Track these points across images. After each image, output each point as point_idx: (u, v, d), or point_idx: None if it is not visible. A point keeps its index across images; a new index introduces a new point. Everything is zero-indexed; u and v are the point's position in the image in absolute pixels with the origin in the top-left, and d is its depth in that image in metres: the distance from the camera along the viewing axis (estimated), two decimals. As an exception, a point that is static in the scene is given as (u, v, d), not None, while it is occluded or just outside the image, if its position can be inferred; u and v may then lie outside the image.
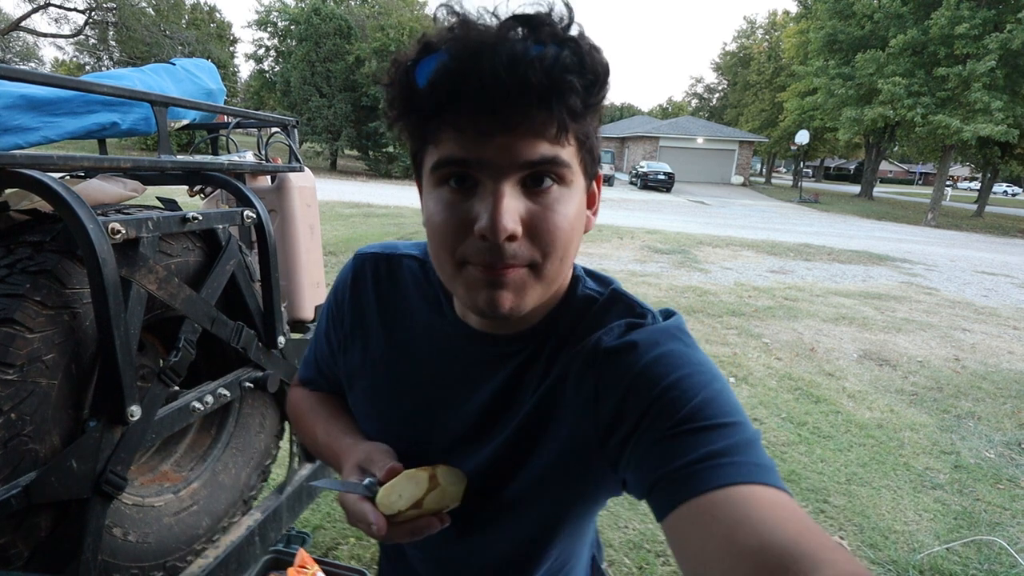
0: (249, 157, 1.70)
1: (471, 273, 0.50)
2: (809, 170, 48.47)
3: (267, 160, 1.71)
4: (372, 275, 0.67)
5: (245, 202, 1.35)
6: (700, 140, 33.22)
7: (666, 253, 8.89)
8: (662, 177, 25.43)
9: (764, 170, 45.30)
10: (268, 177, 1.76)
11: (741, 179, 33.33)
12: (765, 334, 5.03)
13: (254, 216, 1.34)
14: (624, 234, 10.68)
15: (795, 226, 14.80)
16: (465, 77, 0.44)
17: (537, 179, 0.48)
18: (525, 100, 0.44)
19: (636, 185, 27.11)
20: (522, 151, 0.46)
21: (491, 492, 0.58)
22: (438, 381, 0.61)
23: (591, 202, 0.56)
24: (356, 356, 0.66)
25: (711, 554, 0.40)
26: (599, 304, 0.59)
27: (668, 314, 0.58)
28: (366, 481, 0.55)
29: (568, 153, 0.48)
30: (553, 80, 0.44)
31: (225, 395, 1.33)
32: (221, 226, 1.27)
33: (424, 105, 0.46)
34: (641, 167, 27.03)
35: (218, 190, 1.68)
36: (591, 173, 0.53)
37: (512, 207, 0.47)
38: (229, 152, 1.75)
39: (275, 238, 1.46)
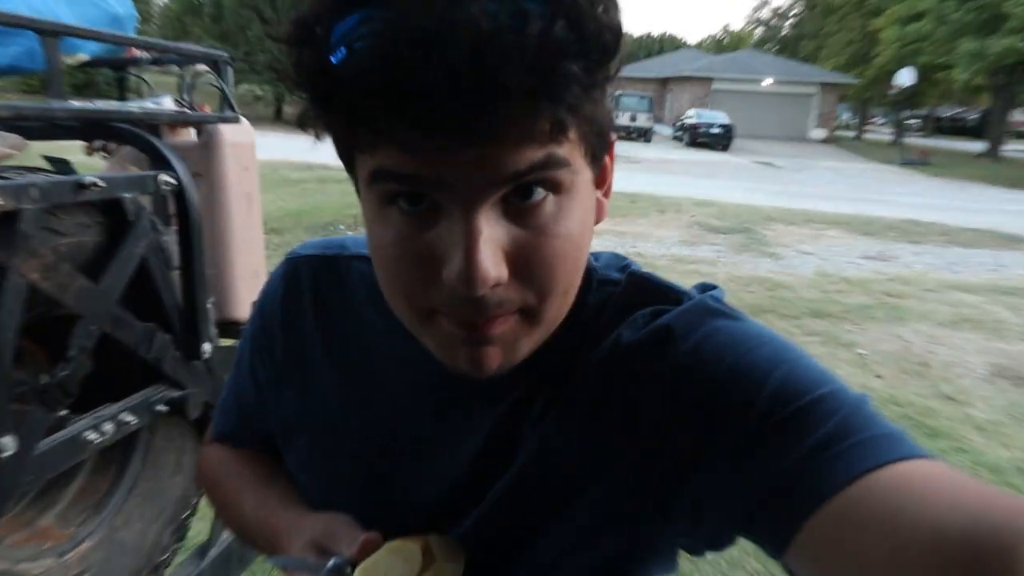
0: (167, 103, 1.69)
1: (443, 328, 0.48)
2: (915, 122, 48.35)
3: (191, 108, 1.71)
4: (311, 286, 0.65)
5: (161, 163, 1.35)
6: (767, 82, 33.15)
7: (723, 232, 8.88)
8: (717, 131, 25.42)
9: (854, 122, 45.15)
10: (192, 130, 1.75)
11: (823, 133, 33.28)
12: (859, 343, 5.01)
13: (173, 182, 1.34)
14: (667, 207, 10.67)
15: (897, 196, 14.76)
16: (405, 73, 0.38)
17: (524, 191, 0.44)
18: (502, 103, 0.39)
19: (682, 141, 27.13)
20: (501, 163, 0.42)
21: (492, 571, 0.56)
22: (408, 427, 0.60)
23: (601, 181, 0.53)
24: (291, 400, 0.65)
25: (871, 568, 0.39)
26: (615, 296, 0.57)
27: (705, 288, 0.57)
28: (332, 562, 0.53)
29: (567, 148, 0.44)
30: (542, 73, 0.39)
31: (130, 422, 1.33)
32: (129, 195, 1.28)
33: (344, 104, 0.42)
34: (689, 118, 27.01)
35: (126, 147, 1.68)
36: (601, 153, 0.50)
37: (494, 241, 0.44)
38: (141, 97, 1.74)
39: (201, 211, 1.46)
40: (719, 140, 25.56)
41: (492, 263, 0.43)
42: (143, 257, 1.32)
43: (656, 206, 10.67)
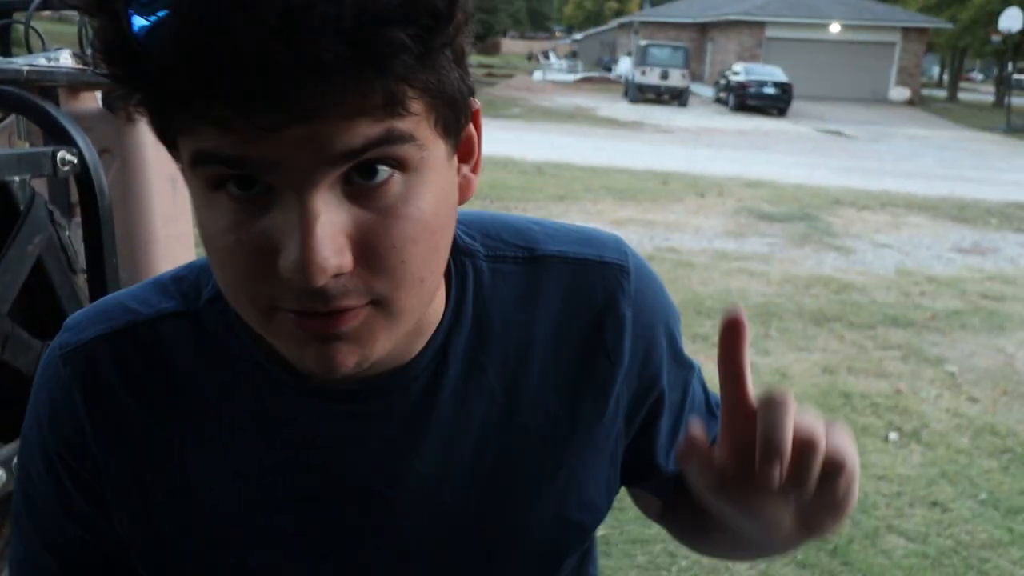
0: (65, 59, 1.69)
1: (288, 325, 0.53)
2: (1023, 78, 48.39)
3: (96, 66, 1.71)
4: (120, 377, 0.66)
5: (59, 137, 1.35)
6: (835, 27, 33.20)
7: (779, 221, 8.88)
8: (771, 91, 25.46)
9: (945, 78, 45.23)
10: (98, 94, 1.76)
11: (906, 93, 33.34)
12: (949, 357, 5.02)
13: (74, 160, 1.34)
14: (707, 189, 10.67)
15: (999, 173, 14.77)
16: (210, 48, 0.43)
17: (366, 170, 0.50)
18: (321, 77, 0.44)
19: (727, 104, 27.16)
20: (332, 141, 0.47)
21: (470, 545, 0.71)
22: (315, 488, 0.67)
23: (466, 154, 0.61)
24: (139, 525, 0.68)
25: None
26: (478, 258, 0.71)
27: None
28: None
29: (411, 122, 0.50)
30: (363, 42, 0.44)
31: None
32: (17, 178, 1.28)
33: (150, 78, 0.46)
34: (735, 74, 27.03)
35: (11, 116, 1.68)
36: (460, 123, 0.56)
37: (332, 226, 0.49)
38: (30, 51, 1.74)
39: (111, 198, 1.46)
40: (774, 103, 25.60)
41: (331, 249, 0.48)
42: (39, 257, 1.32)
43: (694, 188, 10.67)
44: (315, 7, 0.42)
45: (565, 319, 0.71)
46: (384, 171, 0.50)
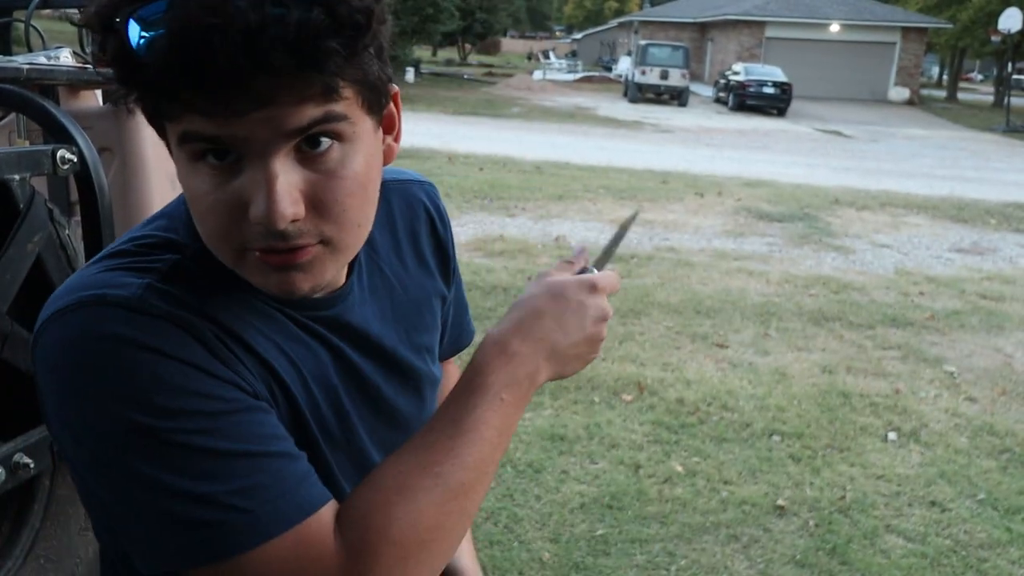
0: (65, 58, 1.69)
1: (255, 261, 0.70)
2: (1022, 78, 48.40)
3: (96, 64, 1.70)
4: (194, 304, 0.72)
5: (59, 135, 1.35)
6: (835, 27, 33.22)
7: (778, 220, 8.89)
8: (770, 91, 25.48)
9: (945, 78, 45.24)
10: (98, 93, 1.75)
11: (906, 93, 33.37)
12: (948, 357, 5.04)
13: (74, 159, 1.34)
14: (706, 188, 10.68)
15: (998, 173, 14.78)
16: (194, 59, 0.60)
17: (312, 141, 0.68)
18: (274, 77, 0.62)
19: (727, 104, 27.17)
20: (285, 121, 0.65)
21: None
22: (327, 373, 0.84)
23: (389, 127, 0.81)
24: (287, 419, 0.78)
25: None
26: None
27: None
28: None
29: (344, 104, 0.68)
30: (304, 51, 0.61)
31: (26, 465, 1.33)
32: (16, 176, 1.28)
33: (147, 80, 0.63)
34: (735, 73, 27.03)
35: (11, 114, 1.68)
36: (381, 103, 0.75)
37: (289, 184, 0.67)
38: (30, 49, 1.74)
39: (111, 197, 1.46)
40: (773, 102, 25.62)
41: (289, 201, 0.66)
42: (38, 256, 1.32)
43: (693, 187, 10.68)
44: (268, 28, 0.59)
45: (411, 221, 0.99)
46: (326, 142, 0.68)
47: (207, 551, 0.66)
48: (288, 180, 0.66)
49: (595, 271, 0.90)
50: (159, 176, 1.75)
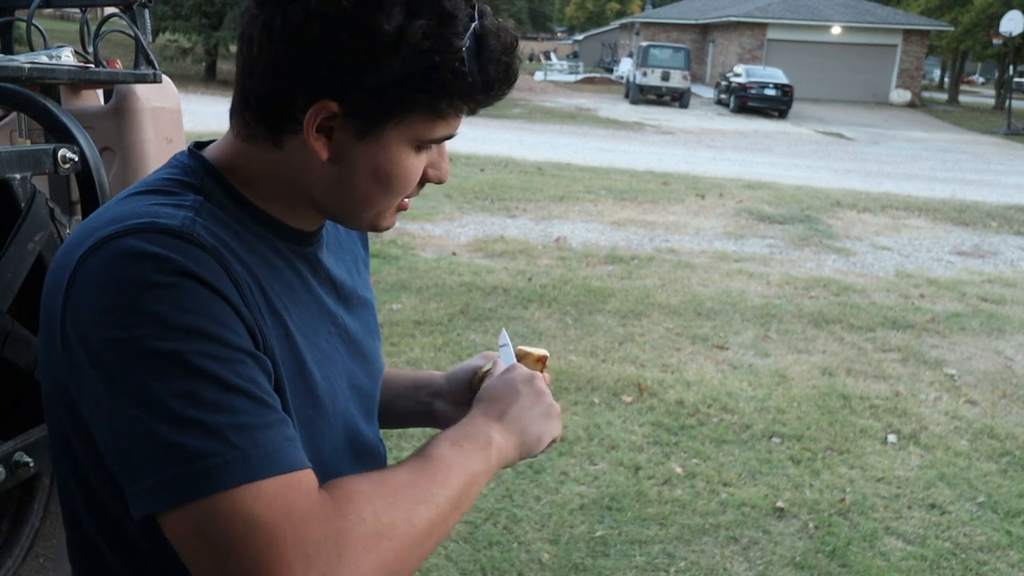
0: (67, 57, 1.69)
1: (388, 208, 0.90)
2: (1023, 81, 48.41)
3: (98, 63, 1.71)
4: (221, 241, 0.78)
5: (60, 134, 1.35)
6: (836, 29, 33.23)
7: (779, 222, 8.89)
8: (772, 92, 25.47)
9: (946, 81, 45.21)
10: (99, 92, 1.75)
11: (907, 95, 33.36)
12: (949, 360, 5.04)
13: (75, 158, 1.34)
14: (707, 190, 10.68)
15: (999, 175, 14.78)
16: (512, 74, 0.85)
17: None
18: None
19: (728, 106, 27.15)
20: None
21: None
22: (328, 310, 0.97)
23: None
24: (289, 362, 0.84)
25: None
26: None
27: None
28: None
29: None
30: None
31: (26, 464, 1.33)
32: (18, 175, 1.27)
33: (475, 92, 0.82)
34: (736, 75, 27.02)
35: (12, 113, 1.69)
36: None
37: None
38: (31, 48, 1.74)
39: (111, 195, 1.45)
40: (774, 104, 25.60)
41: None
42: (39, 254, 1.32)
43: (694, 189, 10.68)
44: (514, 64, 0.86)
45: None
46: None
47: (192, 485, 0.67)
48: None
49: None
50: (160, 175, 1.75)
